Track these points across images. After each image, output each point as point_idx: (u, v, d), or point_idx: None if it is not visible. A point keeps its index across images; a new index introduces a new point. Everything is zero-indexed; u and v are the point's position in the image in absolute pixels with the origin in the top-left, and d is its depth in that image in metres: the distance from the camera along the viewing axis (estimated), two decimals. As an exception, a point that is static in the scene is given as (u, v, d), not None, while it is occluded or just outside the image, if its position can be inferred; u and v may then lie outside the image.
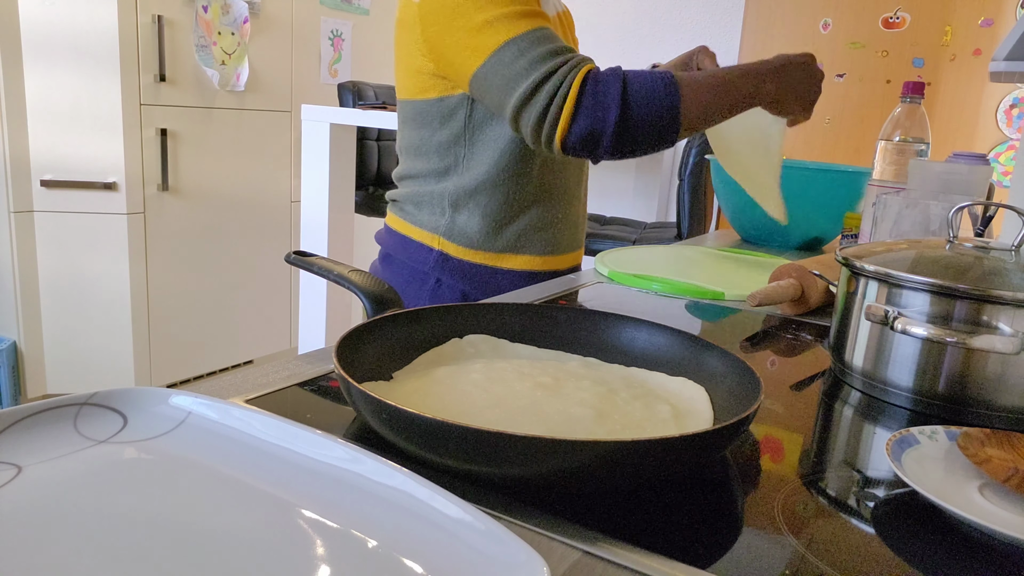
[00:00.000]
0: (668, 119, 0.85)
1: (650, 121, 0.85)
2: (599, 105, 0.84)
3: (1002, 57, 0.96)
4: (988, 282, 0.55)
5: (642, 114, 0.84)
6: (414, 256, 1.07)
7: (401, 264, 1.09)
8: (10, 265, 2.28)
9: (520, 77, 0.86)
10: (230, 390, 0.54)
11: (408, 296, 1.08)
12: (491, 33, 0.87)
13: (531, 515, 0.40)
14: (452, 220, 1.05)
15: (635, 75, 0.86)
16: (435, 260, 1.06)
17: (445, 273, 1.06)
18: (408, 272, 1.08)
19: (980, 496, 0.43)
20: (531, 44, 0.86)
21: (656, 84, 0.85)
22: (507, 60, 0.86)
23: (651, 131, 0.85)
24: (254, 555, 0.32)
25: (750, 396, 0.48)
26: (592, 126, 0.84)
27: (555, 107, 0.85)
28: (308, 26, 2.95)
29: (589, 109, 0.84)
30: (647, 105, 0.84)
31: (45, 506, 0.34)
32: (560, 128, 0.86)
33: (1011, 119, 2.58)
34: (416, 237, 1.07)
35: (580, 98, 0.84)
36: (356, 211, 2.69)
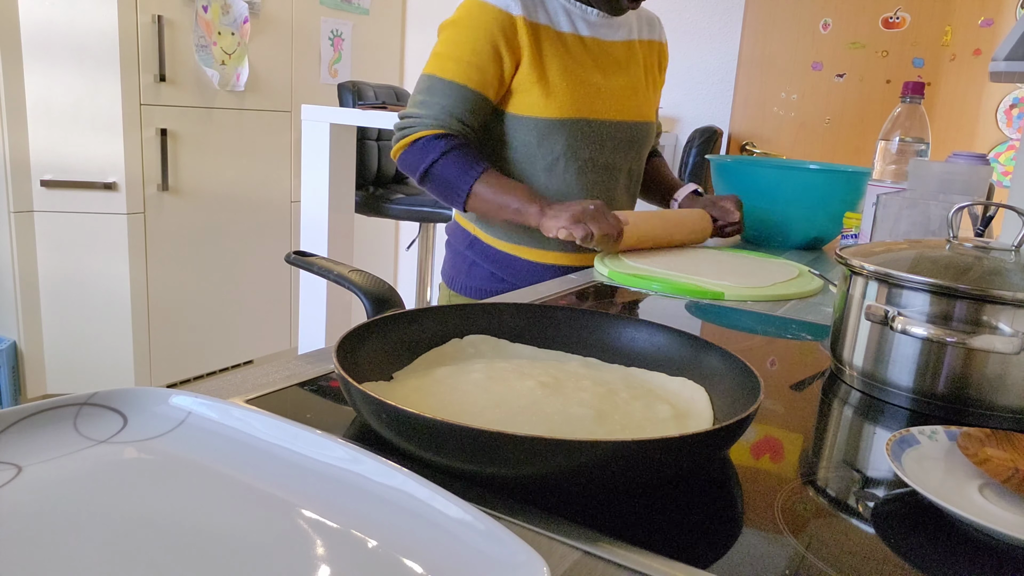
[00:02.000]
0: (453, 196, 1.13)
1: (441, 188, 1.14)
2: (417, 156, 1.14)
3: (1002, 57, 0.96)
4: (988, 282, 0.55)
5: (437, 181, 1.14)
6: (458, 238, 1.28)
7: (452, 246, 1.30)
8: (10, 265, 2.28)
9: (412, 103, 1.16)
10: (230, 390, 0.54)
11: (455, 271, 1.29)
12: (435, 62, 1.15)
13: (531, 515, 0.40)
14: None
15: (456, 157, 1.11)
16: (470, 243, 1.26)
17: (476, 255, 1.25)
18: (457, 253, 1.29)
19: (980, 496, 0.43)
20: (437, 90, 1.13)
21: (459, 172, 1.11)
22: (421, 86, 1.16)
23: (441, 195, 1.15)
24: (254, 555, 0.32)
25: (750, 396, 0.48)
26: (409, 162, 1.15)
27: (399, 135, 1.16)
28: (308, 26, 2.95)
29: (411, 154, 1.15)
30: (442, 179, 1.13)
31: (45, 506, 0.34)
32: (394, 150, 1.17)
33: (1011, 119, 2.57)
34: (460, 223, 1.29)
35: (412, 143, 1.14)
36: (356, 211, 2.68)
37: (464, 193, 1.11)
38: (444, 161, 1.11)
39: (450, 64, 1.12)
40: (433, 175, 1.13)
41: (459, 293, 1.28)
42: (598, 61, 1.20)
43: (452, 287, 1.29)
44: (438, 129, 1.13)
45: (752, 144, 3.02)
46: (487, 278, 1.25)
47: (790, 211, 1.34)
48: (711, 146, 2.82)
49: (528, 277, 1.22)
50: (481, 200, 1.11)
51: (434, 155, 1.11)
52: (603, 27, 1.22)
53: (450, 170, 1.12)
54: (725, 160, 1.43)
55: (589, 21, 1.20)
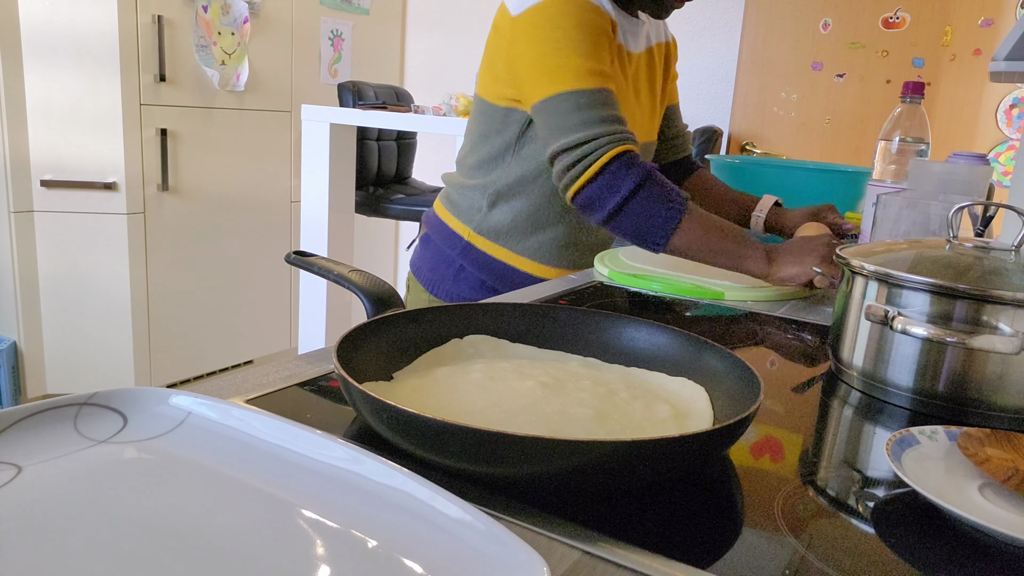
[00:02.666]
0: (652, 237, 0.95)
1: (636, 227, 0.95)
2: (607, 188, 0.94)
3: (1002, 57, 0.96)
4: (988, 282, 0.55)
5: (632, 219, 0.95)
6: (446, 241, 1.18)
7: (435, 246, 1.19)
8: (10, 265, 2.28)
9: (568, 129, 0.96)
10: (230, 390, 0.54)
11: (435, 275, 1.18)
12: (563, 77, 0.96)
13: (531, 515, 0.40)
14: (486, 216, 1.13)
15: (653, 185, 0.94)
16: (462, 248, 1.16)
17: (467, 262, 1.16)
18: (440, 254, 1.18)
19: (980, 496, 0.43)
20: (589, 103, 0.95)
21: (661, 206, 0.94)
22: (564, 108, 0.96)
23: (634, 235, 0.97)
24: (254, 555, 0.32)
25: (750, 396, 0.48)
26: (594, 199, 0.96)
27: (578, 169, 0.96)
28: (308, 26, 2.95)
29: (598, 186, 0.95)
30: (640, 216, 0.95)
31: (45, 506, 0.34)
32: (574, 187, 0.97)
33: (1011, 119, 2.58)
34: (451, 225, 1.17)
35: (598, 173, 0.95)
36: (356, 211, 2.68)
37: (671, 230, 0.93)
38: (644, 192, 0.94)
39: (583, 71, 0.96)
40: (631, 209, 0.94)
41: (442, 300, 1.18)
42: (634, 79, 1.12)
43: (434, 292, 1.19)
44: (624, 145, 0.95)
45: (752, 144, 3.02)
46: (476, 287, 1.16)
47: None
48: (711, 146, 2.82)
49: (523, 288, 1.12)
50: (689, 238, 0.94)
51: (630, 185, 0.93)
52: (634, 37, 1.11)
53: (652, 203, 0.94)
54: (725, 160, 1.43)
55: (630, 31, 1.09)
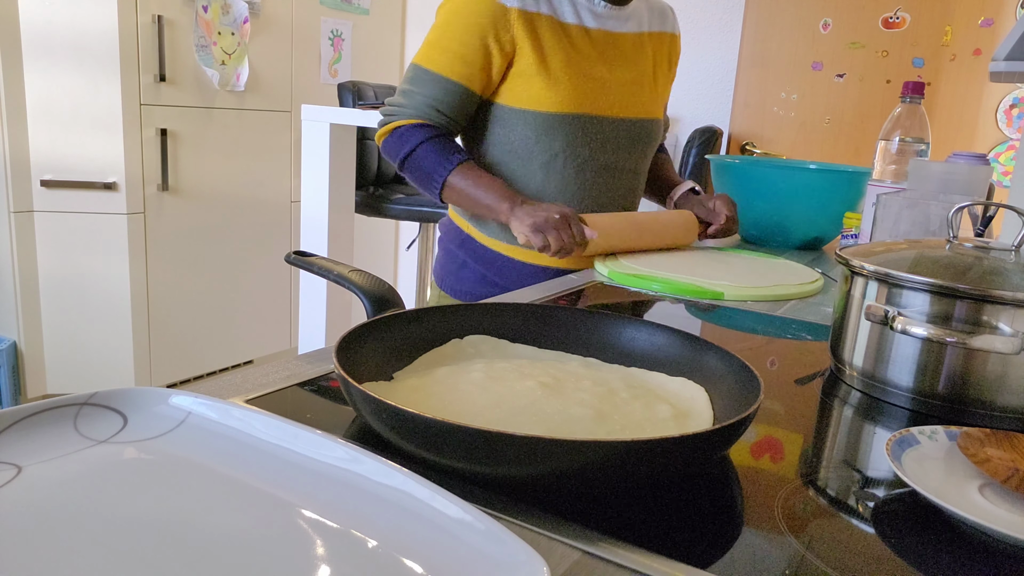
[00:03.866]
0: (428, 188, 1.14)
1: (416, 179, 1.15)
2: (397, 143, 1.14)
3: (1002, 57, 0.96)
4: (988, 282, 0.55)
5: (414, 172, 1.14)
6: (450, 235, 1.25)
7: (444, 243, 1.26)
8: (10, 265, 2.28)
9: (398, 92, 1.16)
10: (230, 390, 0.54)
11: (445, 271, 1.25)
12: (424, 51, 1.13)
13: (531, 515, 0.40)
14: None
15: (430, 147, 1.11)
16: (462, 241, 1.22)
17: (468, 256, 1.21)
18: (449, 252, 1.25)
19: (980, 496, 0.43)
20: (421, 80, 1.12)
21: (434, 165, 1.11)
22: (408, 75, 1.15)
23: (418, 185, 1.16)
24: (254, 555, 0.32)
25: (750, 396, 0.48)
26: (389, 150, 1.16)
27: (381, 122, 1.17)
28: (308, 26, 2.95)
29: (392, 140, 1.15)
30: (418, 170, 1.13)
31: (45, 506, 0.34)
32: (377, 136, 1.18)
33: (1011, 119, 2.57)
34: (454, 220, 1.25)
35: (393, 131, 1.15)
36: (356, 211, 2.68)
37: (439, 183, 1.11)
38: (421, 150, 1.11)
39: (436, 54, 1.11)
40: (410, 164, 1.13)
41: (448, 295, 1.25)
42: (604, 54, 1.16)
43: (442, 287, 1.26)
44: (417, 119, 1.13)
45: (752, 144, 3.02)
46: (477, 281, 1.22)
47: (790, 211, 1.34)
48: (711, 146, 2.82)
49: (520, 280, 1.19)
50: (456, 192, 1.11)
51: (411, 144, 1.12)
52: (611, 19, 1.17)
53: (427, 160, 1.11)
54: (725, 160, 1.43)
55: (596, 12, 1.16)
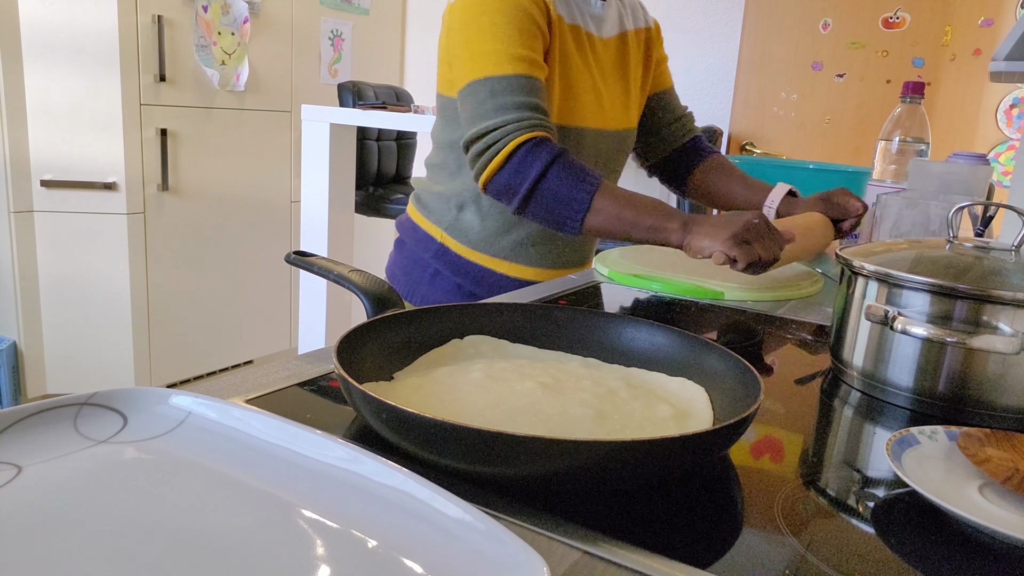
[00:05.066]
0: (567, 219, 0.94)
1: (549, 210, 0.95)
2: (516, 174, 0.94)
3: (1002, 57, 0.96)
4: (988, 282, 0.55)
5: (545, 202, 0.94)
6: (419, 243, 1.14)
7: (409, 249, 1.15)
8: (10, 265, 2.28)
9: (480, 116, 0.95)
10: (230, 390, 0.54)
11: (410, 280, 1.14)
12: (483, 62, 0.95)
13: (531, 515, 0.40)
14: (456, 218, 1.10)
15: (563, 166, 0.93)
16: (435, 251, 1.12)
17: (442, 265, 1.11)
18: (413, 257, 1.14)
19: (980, 496, 0.43)
20: (504, 89, 0.94)
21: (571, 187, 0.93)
22: (480, 95, 0.95)
23: (549, 219, 0.96)
24: (254, 555, 0.32)
25: (750, 396, 0.48)
26: (505, 187, 0.95)
27: (486, 157, 0.95)
28: (308, 26, 2.95)
29: (508, 173, 0.94)
30: (552, 198, 0.94)
31: (45, 506, 0.34)
32: (483, 176, 0.96)
33: (1011, 119, 2.58)
34: (423, 227, 1.13)
35: (507, 159, 0.94)
36: (356, 211, 2.68)
37: (583, 209, 0.92)
38: (553, 174, 0.92)
39: (504, 56, 0.94)
40: (542, 192, 0.93)
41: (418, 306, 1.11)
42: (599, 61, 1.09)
43: (410, 299, 1.14)
44: (532, 132, 0.93)
45: (752, 144, 3.02)
46: (453, 291, 1.12)
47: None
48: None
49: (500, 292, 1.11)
50: (604, 215, 0.92)
51: (539, 168, 0.92)
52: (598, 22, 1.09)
53: (563, 183, 0.92)
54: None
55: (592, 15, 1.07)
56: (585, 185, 0.92)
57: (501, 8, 0.95)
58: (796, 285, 0.97)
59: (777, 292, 0.94)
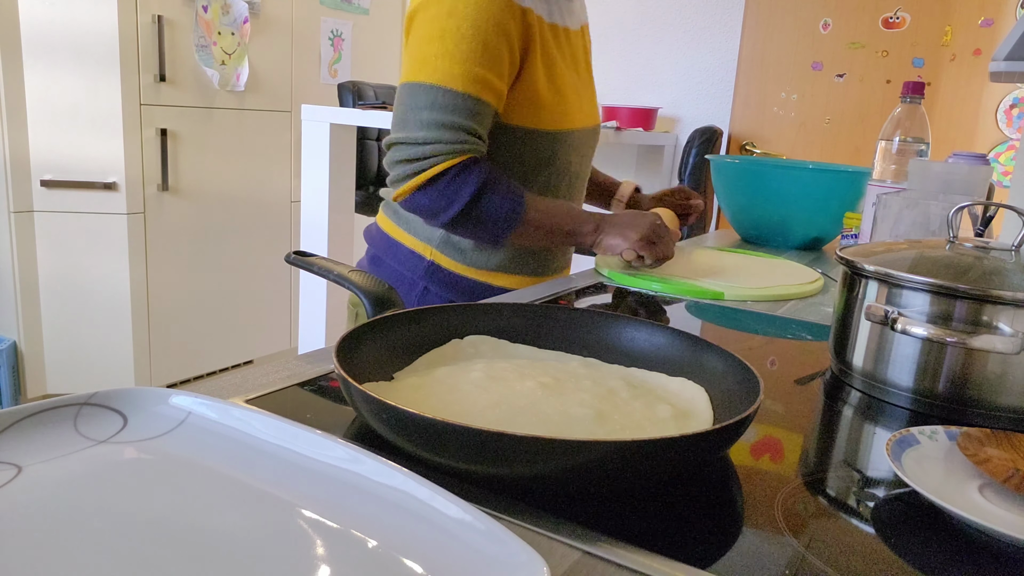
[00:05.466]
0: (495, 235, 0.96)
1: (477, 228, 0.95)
2: (443, 196, 0.92)
3: (1002, 57, 0.96)
4: (988, 282, 0.55)
5: (474, 222, 0.94)
6: (404, 262, 1.06)
7: (389, 268, 1.07)
8: (10, 265, 2.28)
9: (412, 124, 0.91)
10: (230, 390, 0.54)
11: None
12: (435, 67, 0.90)
13: (531, 515, 0.40)
14: (446, 234, 1.03)
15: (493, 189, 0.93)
16: (425, 269, 1.05)
17: (433, 282, 1.05)
18: (396, 276, 1.06)
19: (980, 496, 0.43)
20: (446, 106, 0.90)
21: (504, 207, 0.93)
22: (420, 101, 0.90)
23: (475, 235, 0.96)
24: (254, 555, 0.32)
25: (750, 396, 0.48)
26: (431, 205, 0.93)
27: (410, 169, 0.92)
28: (308, 26, 2.95)
29: (433, 194, 0.92)
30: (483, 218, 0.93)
31: (45, 506, 0.34)
32: (403, 189, 0.93)
33: (1011, 119, 2.57)
34: (408, 244, 1.06)
35: (432, 180, 0.92)
36: (356, 211, 2.68)
37: (512, 226, 0.94)
38: (486, 197, 0.92)
39: (458, 70, 0.89)
40: (473, 214, 0.92)
41: None
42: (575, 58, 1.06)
43: None
44: (464, 155, 0.91)
45: (752, 144, 3.02)
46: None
47: (790, 211, 1.34)
48: (711, 146, 2.82)
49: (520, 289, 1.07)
50: (532, 229, 0.95)
51: (469, 191, 0.91)
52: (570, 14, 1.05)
53: (493, 204, 0.92)
54: (725, 160, 1.43)
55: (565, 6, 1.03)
56: (515, 205, 0.93)
57: (472, 16, 0.89)
58: (796, 285, 0.97)
59: (777, 292, 0.94)
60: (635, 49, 3.22)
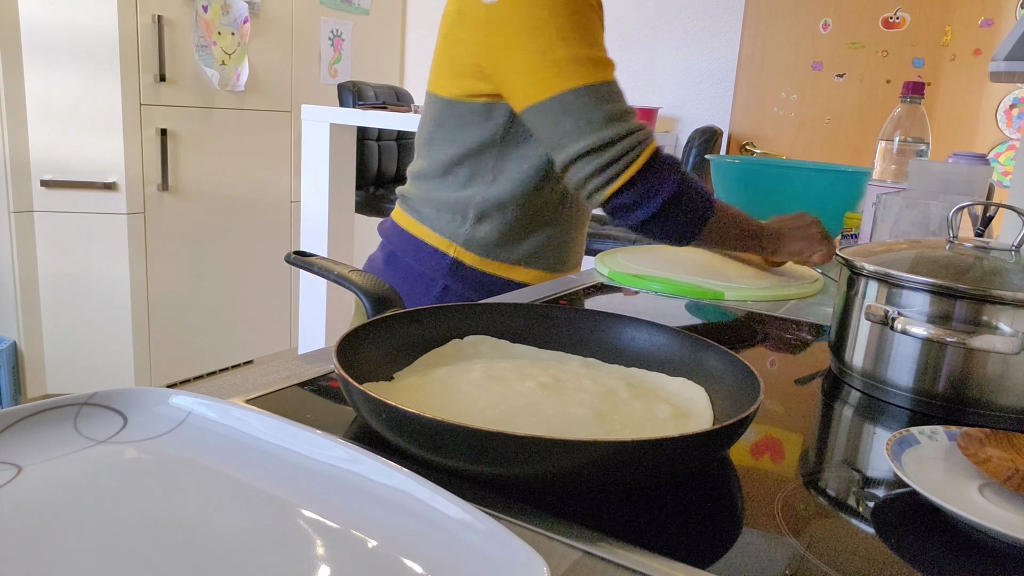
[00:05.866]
0: (691, 230, 0.93)
1: (669, 231, 0.93)
2: (651, 188, 0.90)
3: (1002, 57, 0.96)
4: (988, 282, 0.55)
5: (668, 224, 0.92)
6: (424, 260, 1.04)
7: (407, 266, 1.05)
8: (10, 265, 2.28)
9: (592, 128, 0.88)
10: (230, 390, 0.54)
11: (412, 298, 1.04)
12: (569, 72, 0.86)
13: (531, 515, 0.40)
14: (473, 229, 1.02)
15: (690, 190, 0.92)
16: (447, 267, 1.03)
17: (454, 280, 1.03)
18: (414, 275, 1.04)
19: (980, 496, 0.43)
20: (605, 97, 0.88)
21: (695, 211, 0.92)
22: (580, 106, 0.87)
23: (674, 230, 0.93)
24: (254, 555, 0.32)
25: (750, 396, 0.48)
26: (638, 200, 0.90)
27: (614, 170, 0.89)
28: (308, 26, 2.95)
29: (637, 192, 0.90)
30: (676, 221, 0.92)
31: (45, 506, 0.34)
32: (610, 189, 0.90)
33: (1011, 119, 2.57)
34: (430, 241, 1.03)
35: (639, 173, 0.89)
36: (356, 211, 2.68)
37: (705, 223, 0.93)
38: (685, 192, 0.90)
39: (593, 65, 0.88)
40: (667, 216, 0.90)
41: None
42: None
43: None
44: (652, 144, 0.90)
45: (752, 144, 3.02)
46: None
47: (790, 211, 1.34)
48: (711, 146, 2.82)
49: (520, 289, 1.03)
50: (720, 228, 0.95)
51: (668, 191, 0.89)
52: None
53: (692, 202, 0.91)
54: (725, 160, 1.43)
55: None
56: (706, 212, 0.92)
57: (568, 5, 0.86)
58: (796, 285, 0.97)
59: (777, 292, 0.94)
60: (635, 49, 3.22)
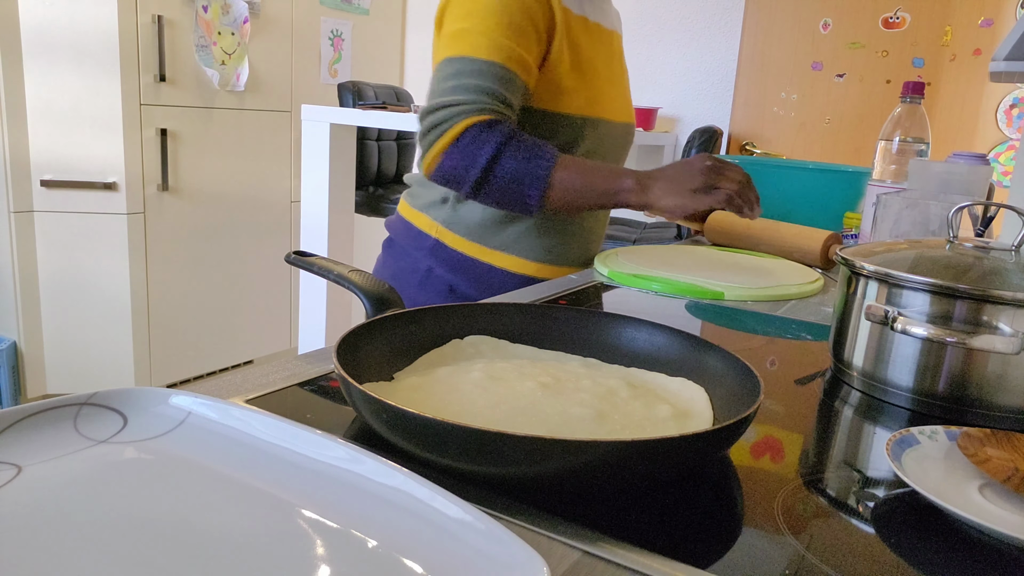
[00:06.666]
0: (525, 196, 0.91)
1: (505, 191, 0.91)
2: (465, 157, 0.89)
3: (1002, 57, 0.96)
4: (988, 282, 0.55)
5: (500, 184, 0.90)
6: (412, 242, 1.08)
7: (400, 249, 1.09)
8: (10, 265, 2.28)
9: (436, 94, 0.92)
10: (230, 390, 0.54)
11: (400, 281, 1.08)
12: (462, 42, 0.92)
13: (531, 515, 0.40)
14: (454, 209, 1.05)
15: (516, 146, 0.90)
16: (430, 248, 1.06)
17: (437, 262, 1.06)
18: (404, 257, 1.08)
19: (980, 496, 0.43)
20: (471, 72, 0.91)
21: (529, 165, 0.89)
22: (443, 74, 0.92)
23: (505, 200, 0.92)
24: (254, 555, 0.32)
25: (750, 396, 0.48)
26: (454, 171, 0.91)
27: (432, 137, 0.91)
28: (308, 26, 2.95)
29: (456, 156, 0.90)
30: (508, 179, 0.90)
31: (45, 506, 0.34)
32: (428, 159, 0.93)
33: (1011, 119, 2.57)
34: (417, 223, 1.08)
35: (454, 142, 0.90)
36: (356, 211, 2.69)
37: (543, 186, 0.89)
38: (508, 152, 0.88)
39: (483, 41, 0.90)
40: (497, 174, 0.89)
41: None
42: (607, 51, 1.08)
43: None
44: (484, 115, 0.89)
45: (752, 144, 3.02)
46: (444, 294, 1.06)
47: (790, 211, 1.34)
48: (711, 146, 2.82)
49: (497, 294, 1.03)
50: (565, 190, 0.90)
51: (491, 148, 0.88)
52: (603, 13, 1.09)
53: (519, 162, 0.88)
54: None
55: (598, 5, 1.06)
56: (542, 161, 0.89)
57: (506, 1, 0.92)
58: (796, 285, 0.97)
59: (777, 292, 0.94)
60: (635, 49, 3.22)
